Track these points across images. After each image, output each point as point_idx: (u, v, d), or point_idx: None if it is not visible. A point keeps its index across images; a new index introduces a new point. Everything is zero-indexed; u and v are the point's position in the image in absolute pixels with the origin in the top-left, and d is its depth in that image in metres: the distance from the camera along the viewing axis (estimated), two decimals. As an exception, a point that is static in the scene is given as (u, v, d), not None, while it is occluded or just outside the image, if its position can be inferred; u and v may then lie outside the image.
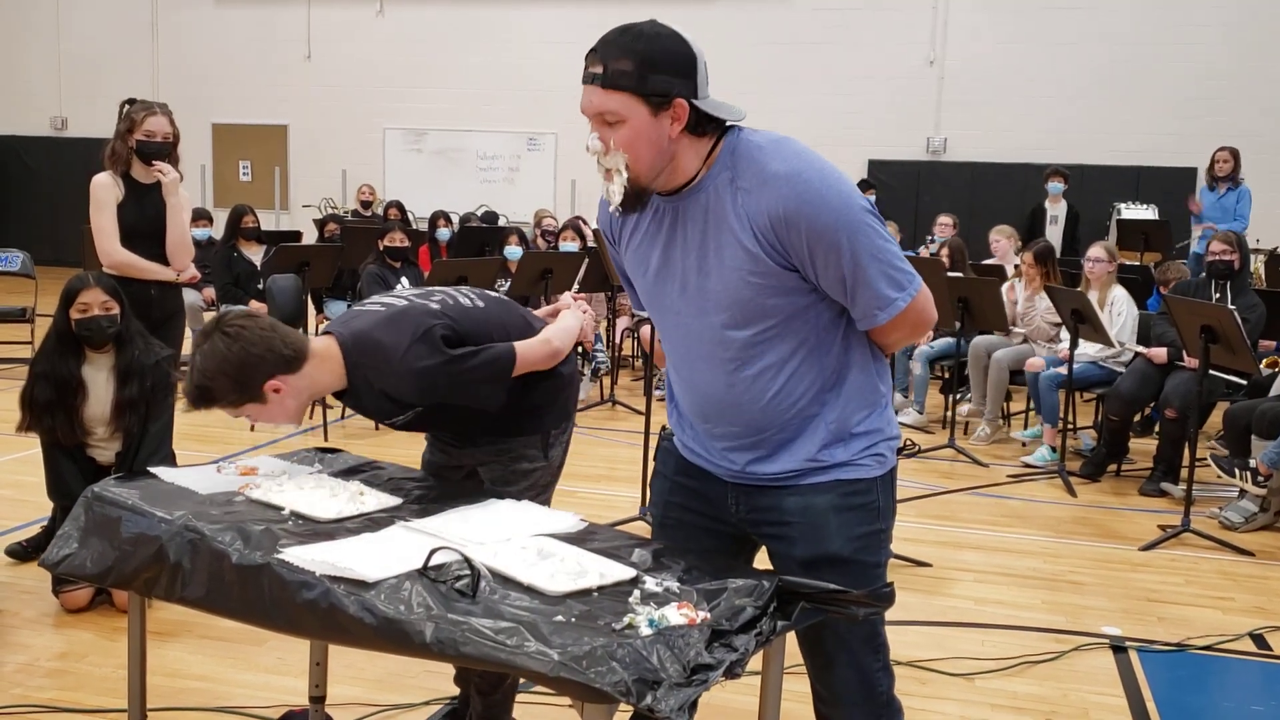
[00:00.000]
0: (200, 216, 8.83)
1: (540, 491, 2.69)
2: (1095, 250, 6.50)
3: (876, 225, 1.89)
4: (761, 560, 2.18)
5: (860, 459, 2.01)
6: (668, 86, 1.83)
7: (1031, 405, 6.87)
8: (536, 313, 2.90)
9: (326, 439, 6.23)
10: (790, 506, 2.02)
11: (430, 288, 2.66)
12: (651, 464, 2.34)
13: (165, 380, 3.87)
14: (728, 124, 1.92)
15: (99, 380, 3.77)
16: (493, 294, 2.77)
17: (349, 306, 8.48)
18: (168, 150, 4.30)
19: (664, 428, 2.27)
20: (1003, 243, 8.32)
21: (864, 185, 11.97)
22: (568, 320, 2.74)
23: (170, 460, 3.84)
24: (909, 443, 6.34)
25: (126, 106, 4.33)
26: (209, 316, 8.22)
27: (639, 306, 2.17)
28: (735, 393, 1.98)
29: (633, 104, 1.84)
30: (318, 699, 2.82)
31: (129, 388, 3.76)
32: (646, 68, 1.82)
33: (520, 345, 2.54)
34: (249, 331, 2.31)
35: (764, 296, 1.89)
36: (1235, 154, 9.39)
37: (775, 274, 1.88)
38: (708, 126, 1.89)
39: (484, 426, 2.63)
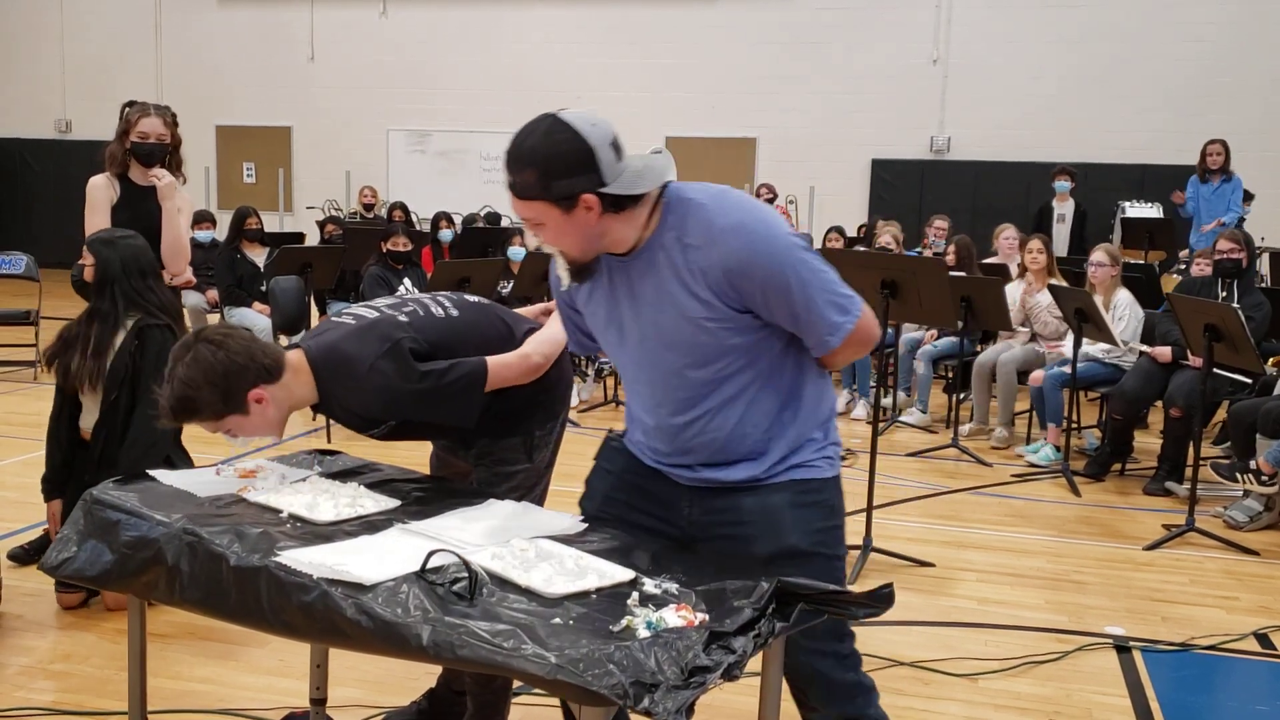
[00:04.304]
0: (203, 218, 8.84)
1: (525, 493, 2.66)
2: (1097, 254, 6.48)
3: (814, 259, 2.02)
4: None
5: (814, 460, 2.15)
6: (571, 188, 1.92)
7: (1034, 417, 6.84)
8: (528, 310, 2.88)
9: (329, 440, 6.24)
10: (748, 505, 2.13)
11: (406, 297, 2.62)
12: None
13: (163, 346, 3.70)
14: (664, 183, 2.02)
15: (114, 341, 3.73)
16: (471, 299, 2.73)
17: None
18: (162, 152, 4.26)
19: (612, 431, 2.36)
20: (1012, 241, 8.30)
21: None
22: (553, 329, 2.63)
23: (170, 454, 3.75)
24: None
25: (126, 109, 4.32)
26: (213, 318, 8.28)
27: (577, 348, 2.39)
28: (700, 426, 2.10)
29: (545, 209, 1.95)
30: (319, 701, 2.82)
31: (123, 354, 3.69)
32: (548, 176, 1.92)
33: (493, 362, 2.49)
34: (232, 340, 2.32)
35: (720, 339, 2.03)
36: (1226, 146, 9.39)
37: (730, 318, 2.01)
38: (631, 201, 1.98)
39: (465, 431, 2.60)
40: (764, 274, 1.96)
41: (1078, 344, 6.00)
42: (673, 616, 1.75)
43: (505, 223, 11.88)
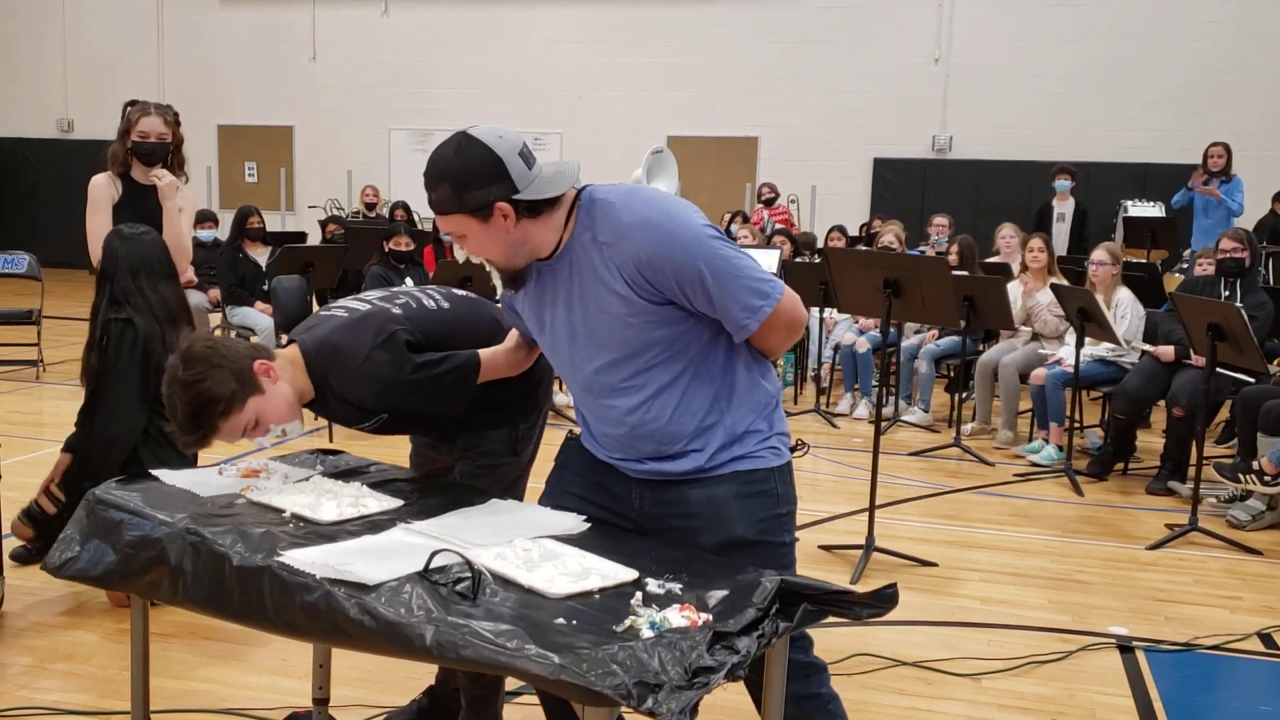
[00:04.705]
0: (205, 218, 8.84)
1: (509, 486, 2.67)
2: (1098, 253, 6.47)
3: (727, 248, 2.06)
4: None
5: (757, 451, 2.19)
6: (484, 198, 2.03)
7: (1034, 418, 6.82)
8: None
9: (331, 439, 6.24)
10: (695, 497, 2.18)
11: (396, 289, 2.66)
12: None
13: (120, 340, 3.69)
14: (578, 187, 2.11)
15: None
16: (460, 293, 2.76)
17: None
18: (163, 151, 4.25)
19: (571, 432, 2.42)
20: (1011, 240, 8.30)
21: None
22: None
23: (140, 450, 3.72)
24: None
25: (127, 108, 4.32)
26: (215, 317, 8.29)
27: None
28: (638, 418, 2.15)
29: (464, 221, 2.06)
30: (321, 700, 2.81)
31: (96, 350, 3.71)
32: (461, 189, 2.03)
33: (485, 354, 2.52)
34: (209, 336, 2.43)
35: (645, 331, 2.09)
36: (1228, 149, 9.42)
37: (651, 310, 2.07)
38: (546, 205, 2.07)
39: (452, 423, 2.63)
40: (674, 265, 2.01)
41: (1080, 343, 5.99)
42: (676, 616, 1.74)
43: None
